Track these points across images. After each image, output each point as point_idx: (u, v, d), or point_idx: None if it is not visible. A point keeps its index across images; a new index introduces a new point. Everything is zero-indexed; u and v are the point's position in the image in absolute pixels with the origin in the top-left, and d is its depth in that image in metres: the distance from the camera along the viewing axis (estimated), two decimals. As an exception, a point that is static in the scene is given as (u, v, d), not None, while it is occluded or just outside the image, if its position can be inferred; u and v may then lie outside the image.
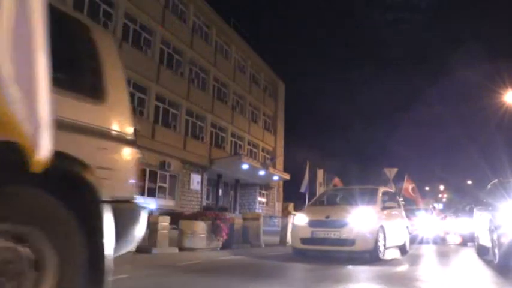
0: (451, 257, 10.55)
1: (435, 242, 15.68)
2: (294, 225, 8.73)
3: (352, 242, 7.60)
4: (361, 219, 7.84)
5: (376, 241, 7.78)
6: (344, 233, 7.68)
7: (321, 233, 7.95)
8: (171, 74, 22.91)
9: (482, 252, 9.53)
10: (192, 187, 24.13)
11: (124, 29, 19.71)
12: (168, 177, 22.30)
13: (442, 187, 75.19)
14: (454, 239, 17.61)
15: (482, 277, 6.31)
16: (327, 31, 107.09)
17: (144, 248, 7.54)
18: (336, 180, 27.62)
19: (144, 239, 7.76)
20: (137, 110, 19.98)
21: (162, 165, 21.22)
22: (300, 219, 8.51)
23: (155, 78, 21.26)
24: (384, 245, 8.14)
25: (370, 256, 7.77)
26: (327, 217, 8.07)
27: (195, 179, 24.38)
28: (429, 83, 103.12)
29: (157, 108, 21.73)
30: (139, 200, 2.84)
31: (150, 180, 20.90)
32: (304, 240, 8.16)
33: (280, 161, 36.40)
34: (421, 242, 14.78)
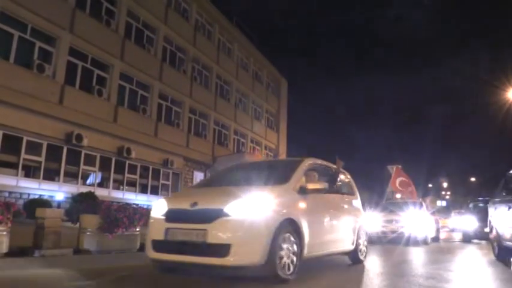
0: (445, 267, 6.83)
1: (425, 243, 13.11)
2: (150, 218, 5.23)
3: (225, 250, 4.29)
4: (246, 209, 4.50)
5: (274, 248, 4.43)
6: (213, 233, 4.39)
7: (180, 232, 4.66)
8: (174, 72, 22.91)
9: (504, 254, 7.66)
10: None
11: (127, 27, 19.70)
12: (171, 175, 22.35)
13: (445, 184, 75.05)
14: (449, 236, 17.54)
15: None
16: (330, 28, 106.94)
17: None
18: (257, 153, 26.58)
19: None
20: (140, 107, 20.01)
21: (165, 162, 21.26)
22: (156, 209, 5.10)
23: (158, 76, 21.27)
24: (298, 254, 4.84)
25: (268, 275, 4.50)
26: (194, 204, 4.70)
27: (198, 177, 24.40)
28: (432, 81, 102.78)
29: (160, 106, 21.75)
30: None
31: (153, 177, 20.95)
32: (156, 245, 4.81)
33: (282, 158, 36.36)
34: (407, 243, 12.40)
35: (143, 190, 20.31)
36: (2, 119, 13.42)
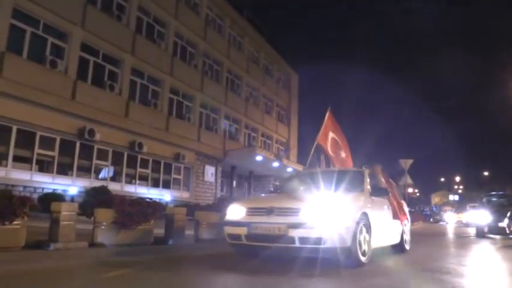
0: None
1: (357, 262, 5.47)
2: None
3: None
4: None
5: None
6: None
7: None
8: (185, 67, 22.95)
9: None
10: (206, 179, 24.25)
11: (137, 22, 19.75)
12: (182, 169, 22.44)
13: (458, 178, 74.31)
14: (463, 231, 17.23)
15: None
16: (340, 22, 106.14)
17: (160, 239, 7.61)
18: None
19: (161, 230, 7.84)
20: (151, 102, 20.10)
21: (177, 157, 21.35)
22: None
23: (169, 71, 21.32)
24: None
25: None
26: None
27: (209, 171, 24.48)
28: (443, 74, 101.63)
29: (171, 100, 21.82)
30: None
31: (164, 172, 21.06)
32: None
33: (294, 152, 36.32)
34: (312, 267, 5.21)
35: (155, 184, 20.43)
36: (16, 114, 13.57)
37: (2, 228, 5.10)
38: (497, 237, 14.26)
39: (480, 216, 15.22)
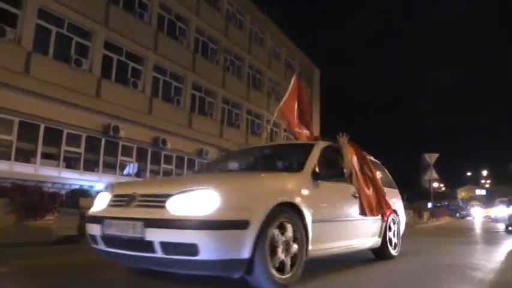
0: None
1: (257, 283, 3.38)
2: None
3: None
4: None
5: None
6: None
7: None
8: (207, 63, 23.01)
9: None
10: (229, 174, 24.32)
11: (159, 20, 19.90)
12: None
13: (485, 172, 72.63)
14: (491, 226, 16.74)
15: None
16: (362, 16, 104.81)
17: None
18: None
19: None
20: (174, 99, 20.25)
21: (199, 153, 21.48)
22: None
23: (191, 67, 21.42)
24: None
25: None
26: None
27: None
28: (468, 67, 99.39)
29: (193, 96, 21.94)
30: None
31: (188, 168, 21.22)
32: None
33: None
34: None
35: (178, 180, 20.56)
36: (44, 112, 13.87)
37: (34, 223, 5.22)
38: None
39: (510, 210, 14.88)
